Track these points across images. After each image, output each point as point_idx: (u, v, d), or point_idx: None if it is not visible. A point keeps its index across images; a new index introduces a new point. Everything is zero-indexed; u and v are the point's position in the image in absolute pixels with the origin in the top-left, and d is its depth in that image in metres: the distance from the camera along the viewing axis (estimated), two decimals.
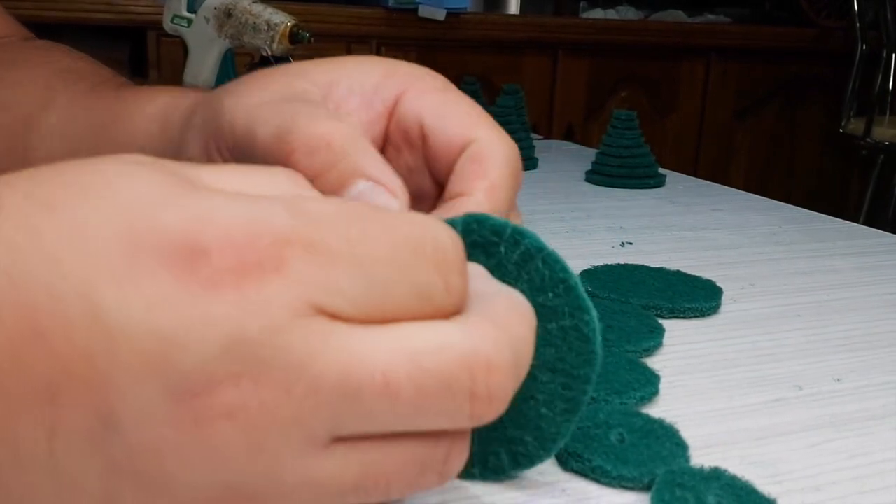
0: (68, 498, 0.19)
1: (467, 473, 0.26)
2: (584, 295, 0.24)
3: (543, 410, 0.25)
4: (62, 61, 0.45)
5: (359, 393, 0.19)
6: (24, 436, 0.18)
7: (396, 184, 0.26)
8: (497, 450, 0.26)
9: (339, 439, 0.20)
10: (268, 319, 0.18)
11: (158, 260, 0.18)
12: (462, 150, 0.29)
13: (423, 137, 0.30)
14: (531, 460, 0.26)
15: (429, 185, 0.31)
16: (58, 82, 0.42)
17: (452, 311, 0.21)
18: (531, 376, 0.23)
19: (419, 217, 0.21)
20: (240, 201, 0.19)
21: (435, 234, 0.21)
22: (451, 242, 0.21)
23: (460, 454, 0.21)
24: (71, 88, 0.42)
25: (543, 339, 0.24)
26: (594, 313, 0.24)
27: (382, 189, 0.26)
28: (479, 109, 0.30)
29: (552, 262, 0.24)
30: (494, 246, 0.24)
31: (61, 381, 0.18)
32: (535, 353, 0.22)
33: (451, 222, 0.24)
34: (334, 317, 0.19)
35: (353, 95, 0.30)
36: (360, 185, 0.26)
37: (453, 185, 0.29)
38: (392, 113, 0.30)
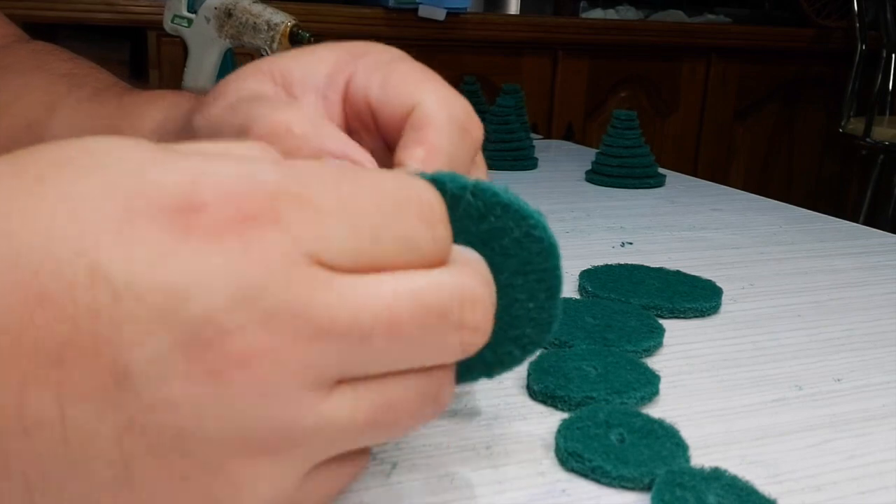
0: (81, 464, 0.19)
1: (490, 373, 0.29)
2: (522, 204, 0.25)
3: (531, 305, 0.27)
4: (63, 66, 0.45)
5: (366, 333, 0.20)
6: (32, 403, 0.18)
7: (364, 156, 0.27)
8: (508, 348, 0.28)
9: (346, 381, 0.21)
10: (270, 267, 0.19)
11: (156, 217, 0.19)
12: (406, 118, 0.28)
13: (373, 115, 0.29)
14: (538, 345, 0.28)
15: (392, 165, 0.31)
16: (61, 87, 0.42)
17: (439, 261, 0.22)
18: (508, 285, 0.25)
19: (402, 175, 0.22)
20: (229, 161, 0.20)
21: (418, 189, 0.22)
22: (435, 197, 0.22)
23: (450, 385, 0.23)
24: (74, 94, 0.42)
25: (502, 253, 0.26)
26: (537, 215, 0.25)
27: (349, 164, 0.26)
28: (425, 73, 0.29)
29: (480, 193, 0.25)
30: None
31: (68, 341, 0.18)
32: (501, 266, 0.25)
33: None
34: (331, 268, 0.20)
35: (307, 88, 0.30)
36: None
37: (396, 156, 0.28)
38: (345, 100, 0.30)
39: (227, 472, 0.20)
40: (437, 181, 0.24)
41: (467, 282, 0.22)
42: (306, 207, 0.20)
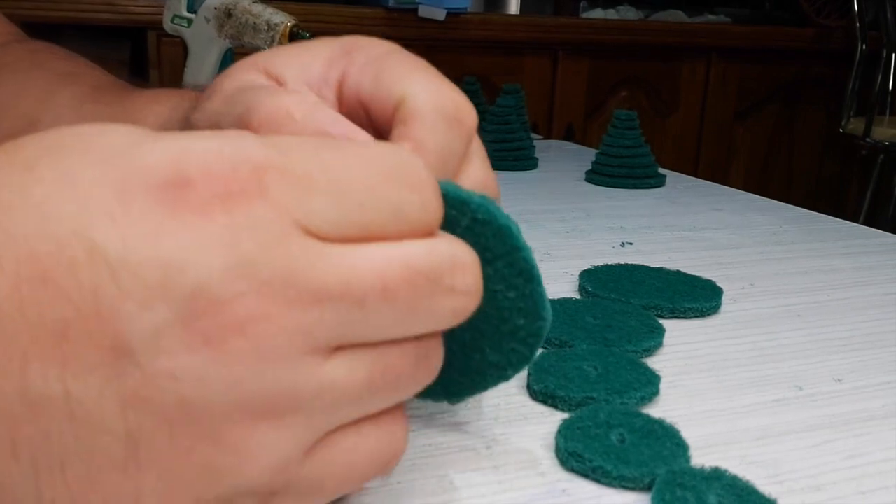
0: (88, 440, 0.19)
1: (506, 375, 0.28)
2: (461, 192, 0.25)
3: (511, 294, 0.26)
4: (61, 65, 0.45)
5: (360, 299, 0.20)
6: (36, 381, 0.19)
7: (366, 137, 0.27)
8: (511, 345, 0.28)
9: (343, 347, 0.21)
10: (262, 238, 0.19)
11: (148, 195, 0.19)
12: (395, 112, 0.28)
13: (366, 112, 0.28)
14: (537, 336, 0.28)
15: None
16: (58, 86, 0.42)
17: (429, 229, 0.22)
18: (497, 294, 0.26)
19: (389, 145, 0.23)
20: (215, 136, 0.21)
21: (404, 158, 0.22)
22: (422, 166, 0.22)
23: (437, 350, 0.23)
24: (71, 90, 0.42)
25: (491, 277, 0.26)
26: (478, 198, 0.25)
27: None
28: (415, 64, 0.28)
29: (449, 200, 0.24)
30: None
31: (70, 318, 0.19)
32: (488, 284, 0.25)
33: None
34: (320, 237, 0.20)
35: (300, 85, 0.29)
36: None
37: None
38: (339, 97, 0.29)
39: (230, 439, 0.20)
40: None
41: (458, 248, 0.22)
42: (291, 179, 0.20)
